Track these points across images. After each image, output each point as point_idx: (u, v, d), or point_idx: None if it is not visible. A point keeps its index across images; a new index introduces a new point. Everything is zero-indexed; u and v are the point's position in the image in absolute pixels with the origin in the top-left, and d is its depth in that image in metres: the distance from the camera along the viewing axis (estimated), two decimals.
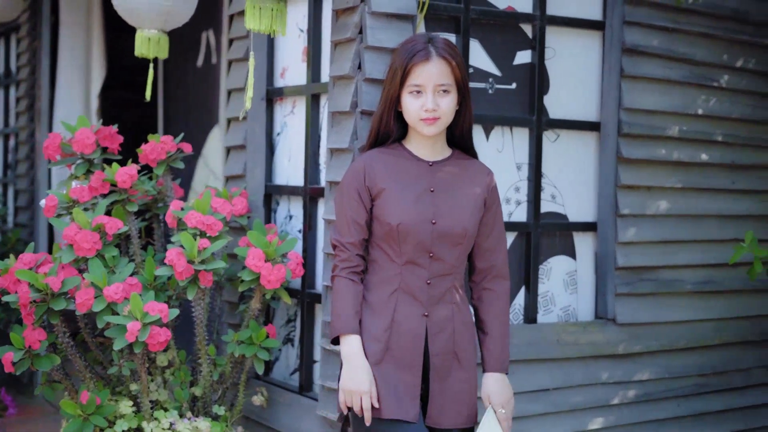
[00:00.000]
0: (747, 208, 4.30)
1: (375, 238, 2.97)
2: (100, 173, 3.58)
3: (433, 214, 2.95)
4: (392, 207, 2.93)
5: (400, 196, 2.95)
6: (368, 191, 2.96)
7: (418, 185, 2.99)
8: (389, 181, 2.97)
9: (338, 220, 3.00)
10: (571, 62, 3.85)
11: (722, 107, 4.18)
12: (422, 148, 3.06)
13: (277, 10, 3.20)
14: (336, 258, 2.97)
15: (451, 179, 3.05)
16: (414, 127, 2.99)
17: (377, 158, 3.01)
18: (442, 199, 2.99)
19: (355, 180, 2.97)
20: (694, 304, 4.14)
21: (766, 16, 4.27)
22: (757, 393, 4.37)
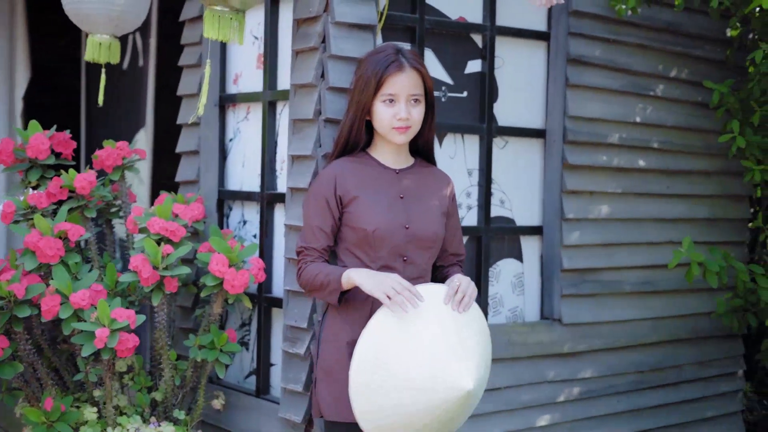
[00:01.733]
0: (680, 211, 4.49)
1: (347, 245, 3.04)
2: (58, 179, 3.57)
3: (406, 220, 3.04)
4: (366, 214, 3.00)
5: (373, 203, 3.03)
6: (339, 199, 3.03)
7: (389, 192, 3.08)
8: (361, 188, 3.05)
9: (304, 227, 3.06)
10: (519, 71, 3.98)
11: (658, 116, 4.37)
12: (388, 157, 3.15)
13: (236, 20, 3.24)
14: (301, 261, 3.03)
15: (417, 186, 3.15)
16: (385, 135, 3.08)
17: (346, 166, 3.09)
18: (412, 205, 3.09)
19: (326, 188, 3.03)
20: (633, 304, 4.31)
21: (697, 29, 4.47)
22: (689, 388, 4.57)
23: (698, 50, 4.50)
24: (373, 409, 2.82)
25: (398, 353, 2.78)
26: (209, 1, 3.15)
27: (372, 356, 2.80)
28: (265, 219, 3.76)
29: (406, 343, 2.79)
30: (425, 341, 2.78)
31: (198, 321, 3.93)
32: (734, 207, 4.74)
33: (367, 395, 2.81)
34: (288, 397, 3.49)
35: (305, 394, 3.41)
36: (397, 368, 2.78)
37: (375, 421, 2.84)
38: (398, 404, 2.79)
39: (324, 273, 2.94)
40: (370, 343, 2.81)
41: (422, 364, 2.76)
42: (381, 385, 2.79)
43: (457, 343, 2.81)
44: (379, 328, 2.81)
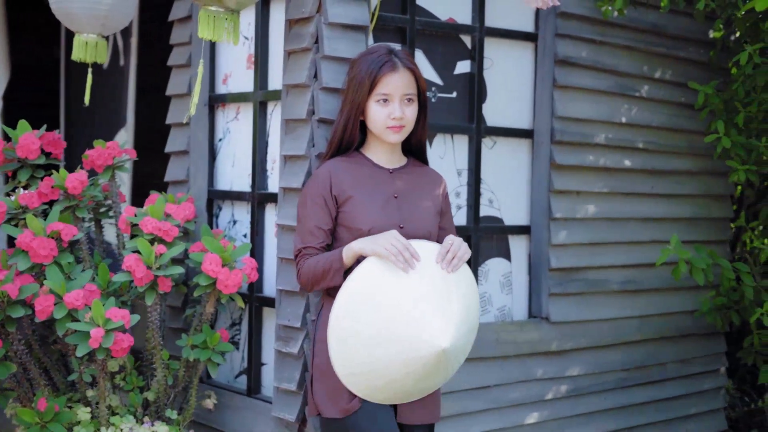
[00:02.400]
0: (665, 211, 4.54)
1: (342, 244, 3.06)
2: (50, 179, 3.56)
3: (400, 219, 3.07)
4: (362, 213, 3.03)
5: (368, 202, 3.06)
6: (335, 198, 3.06)
7: (383, 192, 3.11)
8: (355, 188, 3.07)
9: (301, 228, 3.07)
10: (507, 72, 4.01)
11: (643, 116, 4.42)
12: (382, 156, 3.18)
13: (230, 20, 3.25)
14: (299, 263, 3.04)
15: (411, 186, 3.18)
16: (379, 135, 3.11)
17: (340, 166, 3.11)
18: (405, 205, 3.11)
19: (321, 187, 3.06)
20: (618, 302, 4.36)
21: (681, 30, 4.53)
22: (673, 386, 4.63)
23: (682, 51, 4.55)
24: (350, 356, 2.87)
25: (381, 304, 2.84)
26: (204, 2, 3.15)
27: (355, 303, 2.85)
28: (256, 219, 3.77)
29: (390, 296, 2.84)
30: (409, 296, 2.84)
31: (188, 321, 3.94)
32: (717, 206, 4.80)
33: (346, 341, 2.85)
34: (281, 397, 3.50)
35: (299, 393, 3.42)
36: (378, 318, 2.83)
37: (350, 368, 2.89)
38: (374, 354, 2.85)
39: (322, 260, 2.97)
40: (355, 290, 2.85)
41: (403, 318, 2.82)
42: (360, 332, 2.84)
43: (441, 302, 2.86)
44: (366, 277, 2.86)
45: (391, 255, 2.84)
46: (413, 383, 2.92)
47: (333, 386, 2.99)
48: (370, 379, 2.89)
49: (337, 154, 3.18)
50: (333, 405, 2.99)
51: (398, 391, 2.95)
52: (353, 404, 2.95)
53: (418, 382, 2.93)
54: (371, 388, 2.92)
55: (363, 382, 2.90)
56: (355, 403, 2.95)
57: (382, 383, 2.91)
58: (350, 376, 2.89)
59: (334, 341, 2.86)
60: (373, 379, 2.89)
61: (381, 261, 2.85)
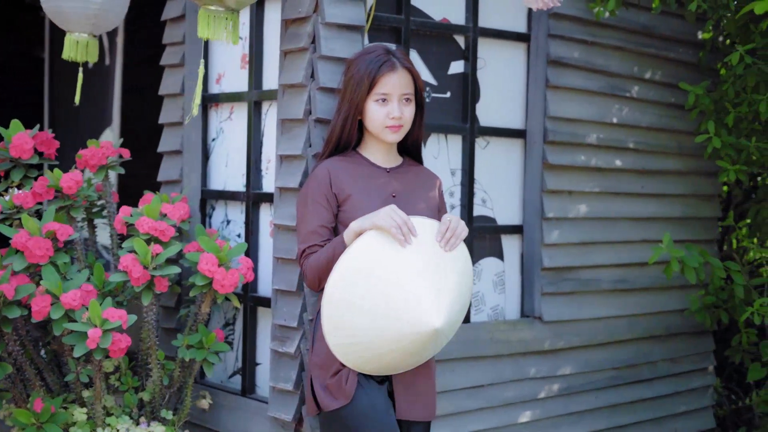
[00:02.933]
0: (654, 210, 4.57)
1: None
2: (44, 179, 3.54)
3: None
4: (361, 212, 3.03)
5: (367, 201, 3.06)
6: (335, 197, 3.06)
7: (381, 191, 3.12)
8: (354, 187, 3.08)
9: (303, 229, 3.07)
10: (499, 72, 4.03)
11: (633, 116, 4.45)
12: (379, 156, 3.20)
13: (230, 20, 3.24)
14: (303, 263, 3.05)
15: (408, 185, 3.20)
16: (378, 134, 3.12)
17: (338, 165, 3.12)
18: (403, 204, 3.12)
19: (321, 186, 3.06)
20: (609, 301, 4.39)
21: (671, 31, 4.56)
22: (662, 384, 4.66)
23: (671, 52, 4.58)
24: (340, 326, 2.89)
25: (378, 277, 2.85)
26: (204, 1, 3.15)
27: (352, 274, 2.86)
28: (250, 219, 3.77)
29: (387, 270, 2.86)
30: (405, 272, 2.86)
31: (181, 321, 3.93)
32: (705, 206, 4.84)
33: (339, 310, 2.87)
34: (277, 396, 3.50)
35: (295, 393, 3.42)
36: (374, 292, 2.85)
37: (339, 338, 2.91)
38: (366, 327, 2.87)
39: (324, 251, 2.99)
40: (353, 261, 2.86)
41: (397, 294, 2.84)
42: (354, 304, 2.86)
43: (436, 281, 2.89)
44: (365, 249, 2.87)
45: (392, 228, 2.85)
46: (402, 357, 2.96)
47: (332, 378, 3.00)
48: (358, 351, 2.92)
49: (334, 154, 3.19)
50: (334, 395, 3.00)
51: (386, 364, 2.98)
52: (350, 385, 2.97)
53: (406, 357, 2.97)
54: (360, 359, 2.95)
55: (352, 353, 2.93)
56: (352, 384, 2.97)
57: (371, 355, 2.94)
58: (340, 346, 2.92)
59: (327, 308, 2.88)
60: (362, 350, 2.92)
61: (380, 235, 2.87)
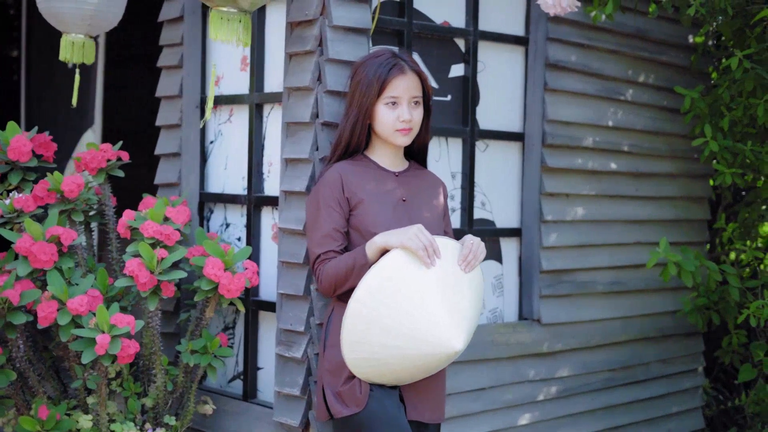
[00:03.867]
0: (648, 213, 4.60)
1: (351, 247, 3.05)
2: (45, 182, 3.49)
3: (409, 223, 3.08)
4: (374, 216, 3.03)
5: (379, 205, 3.06)
6: (347, 201, 3.05)
7: (392, 195, 3.12)
8: (366, 191, 3.07)
9: (316, 234, 3.05)
10: (498, 76, 4.03)
11: (628, 119, 4.47)
12: (387, 159, 3.20)
13: (242, 21, 3.22)
14: (318, 268, 3.03)
15: (417, 190, 3.20)
16: (387, 138, 3.12)
17: (349, 169, 3.11)
18: (414, 209, 3.12)
19: (333, 190, 3.05)
20: (604, 303, 4.41)
21: (664, 35, 4.59)
22: (655, 385, 4.69)
23: (664, 56, 4.62)
24: (361, 341, 2.90)
25: (403, 297, 2.86)
26: (215, 2, 3.12)
27: (378, 291, 2.86)
28: (251, 222, 3.74)
29: (411, 290, 2.87)
30: (429, 293, 2.88)
31: (180, 325, 3.89)
32: (695, 208, 4.88)
33: (363, 327, 2.88)
34: (283, 401, 3.47)
35: (302, 398, 3.40)
36: (398, 311, 2.86)
37: (358, 353, 2.92)
38: (387, 345, 2.88)
39: (344, 260, 2.97)
40: (380, 279, 2.87)
41: (421, 315, 2.86)
42: (378, 322, 2.87)
43: (456, 301, 2.92)
44: (393, 267, 2.88)
45: (419, 250, 2.85)
46: (416, 374, 2.99)
47: (344, 386, 2.99)
48: (374, 366, 2.94)
49: (342, 158, 3.17)
50: (345, 403, 2.99)
51: (399, 378, 3.01)
52: (364, 394, 2.96)
53: (420, 373, 3.00)
54: (374, 373, 2.96)
55: (367, 367, 2.94)
56: (365, 393, 2.96)
57: (386, 371, 2.95)
58: (357, 360, 2.93)
59: (350, 322, 2.88)
60: (379, 366, 2.93)
61: (406, 254, 2.88)
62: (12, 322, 3.14)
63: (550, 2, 3.20)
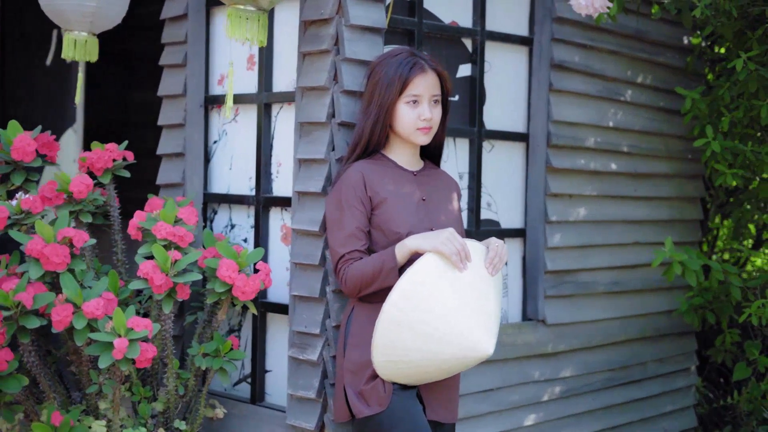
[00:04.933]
0: (646, 213, 4.63)
1: (377, 248, 3.02)
2: (53, 182, 3.42)
3: (430, 223, 3.07)
4: (398, 216, 3.00)
5: (401, 205, 3.04)
6: (369, 200, 3.02)
7: (412, 195, 3.10)
8: (387, 191, 3.05)
9: (339, 234, 3.02)
10: (504, 76, 4.02)
11: (627, 120, 4.49)
12: (405, 159, 3.18)
13: (261, 20, 3.18)
14: (341, 269, 3.00)
15: (435, 189, 3.19)
16: (408, 136, 3.10)
17: (369, 168, 3.08)
18: (433, 208, 3.12)
19: (356, 189, 3.01)
20: (605, 303, 4.42)
21: (661, 36, 4.61)
22: (652, 385, 4.71)
23: (661, 57, 4.64)
24: (394, 345, 2.88)
25: (437, 301, 2.85)
26: (233, 1, 3.07)
27: (412, 296, 2.85)
28: (259, 223, 3.69)
29: (445, 295, 2.86)
30: (461, 297, 2.87)
31: (185, 328, 3.83)
32: (689, 208, 4.91)
33: (396, 331, 2.86)
34: (296, 404, 3.43)
35: (318, 401, 3.35)
36: (432, 316, 2.85)
37: (389, 356, 2.90)
38: (420, 348, 2.87)
39: (371, 262, 2.94)
40: (414, 283, 2.85)
41: (454, 319, 2.86)
42: (412, 326, 2.86)
43: (484, 304, 2.93)
44: (428, 271, 2.86)
45: (452, 255, 2.83)
46: (441, 375, 3.00)
47: (366, 384, 2.97)
48: (403, 368, 2.92)
49: (360, 158, 3.14)
50: (368, 402, 2.96)
51: (423, 379, 3.00)
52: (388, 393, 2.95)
53: (444, 375, 3.01)
54: (400, 374, 2.95)
55: (395, 369, 2.93)
56: (389, 392, 2.95)
57: (413, 372, 2.94)
58: (386, 362, 2.91)
59: (384, 326, 2.85)
60: (407, 368, 2.92)
61: (439, 258, 2.86)
62: (25, 326, 3.06)
63: (582, 3, 3.19)
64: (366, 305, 3.03)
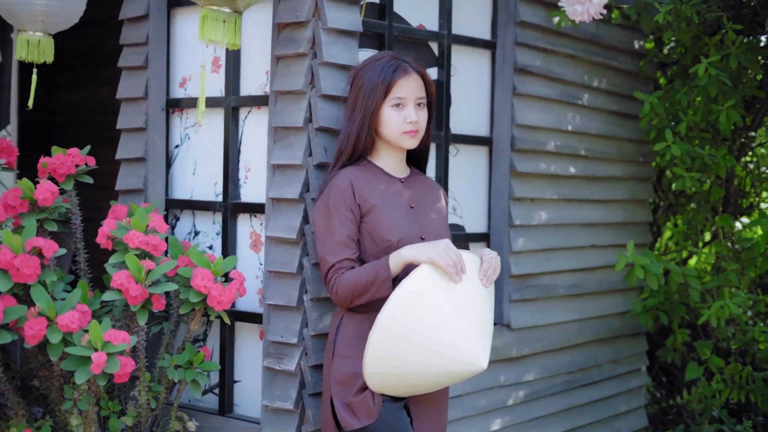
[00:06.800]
0: (600, 216, 4.66)
1: (367, 256, 2.97)
2: (17, 189, 3.27)
3: (419, 230, 3.03)
4: (388, 223, 2.96)
5: (391, 212, 2.99)
6: (359, 207, 2.97)
7: (401, 202, 3.05)
8: (376, 197, 3.00)
9: (329, 242, 2.95)
10: (468, 80, 4.00)
11: (584, 124, 4.52)
12: (392, 165, 3.13)
13: (237, 22, 3.09)
14: (332, 278, 2.93)
15: (422, 196, 3.15)
16: (395, 141, 3.05)
17: (358, 175, 3.02)
18: (422, 215, 3.07)
19: (346, 197, 2.96)
20: (564, 306, 4.44)
21: (614, 40, 4.66)
22: (608, 386, 4.76)
23: (614, 61, 4.68)
24: (387, 356, 2.82)
25: (432, 314, 2.79)
26: (207, 1, 2.98)
27: (407, 307, 2.78)
28: (227, 230, 3.60)
29: (440, 307, 2.81)
30: (455, 309, 2.82)
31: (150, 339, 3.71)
32: (639, 210, 4.97)
33: (391, 342, 2.80)
34: (271, 416, 3.35)
35: (295, 412, 3.28)
36: (428, 328, 2.79)
37: (381, 368, 2.84)
38: (414, 361, 2.82)
39: (364, 272, 2.87)
40: (410, 294, 2.78)
41: (449, 332, 2.80)
42: (407, 338, 2.79)
43: (480, 317, 2.88)
44: (421, 283, 2.80)
45: (449, 267, 2.78)
46: (432, 387, 2.94)
47: (355, 396, 2.91)
48: (394, 381, 2.87)
49: (347, 165, 3.08)
50: (356, 414, 2.91)
51: (413, 391, 2.95)
52: (377, 405, 2.90)
53: (435, 388, 2.96)
54: (390, 386, 2.89)
55: (386, 381, 2.87)
56: (378, 404, 2.90)
57: (404, 385, 2.89)
58: (378, 374, 2.85)
59: (378, 337, 2.79)
60: (398, 380, 2.87)
61: (434, 269, 2.81)
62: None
63: (578, 9, 3.19)
64: (356, 315, 2.98)
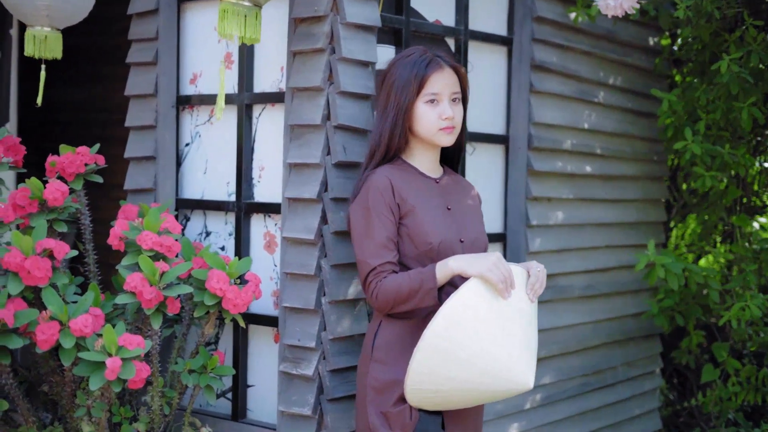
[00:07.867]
0: (615, 216, 4.58)
1: (406, 259, 2.86)
2: (25, 189, 3.17)
3: (458, 232, 2.93)
4: (428, 225, 2.84)
5: (430, 213, 2.88)
6: (398, 207, 2.85)
7: (438, 203, 2.94)
8: (415, 198, 2.88)
9: (368, 245, 2.82)
10: (484, 77, 3.92)
11: (598, 122, 4.43)
12: (426, 164, 3.02)
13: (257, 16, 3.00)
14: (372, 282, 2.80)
15: (457, 196, 3.04)
16: (430, 138, 2.93)
17: (395, 175, 2.91)
18: (459, 217, 2.97)
19: (385, 196, 2.83)
20: (579, 308, 4.35)
21: (630, 37, 4.58)
22: (622, 389, 4.68)
23: (629, 58, 4.60)
24: (431, 373, 2.69)
25: (480, 331, 2.66)
26: None
27: (455, 324, 2.65)
28: (241, 230, 3.50)
29: (488, 324, 2.67)
30: (503, 327, 2.69)
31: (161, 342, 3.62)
32: (653, 210, 4.90)
33: (435, 360, 2.67)
34: (288, 421, 3.26)
35: (313, 418, 3.19)
36: (475, 346, 2.66)
37: (423, 384, 2.71)
38: (460, 379, 2.69)
39: (408, 280, 2.74)
40: (458, 310, 2.65)
41: (497, 350, 2.68)
42: (455, 355, 2.66)
43: (526, 335, 2.75)
44: (470, 299, 2.66)
45: (499, 282, 2.67)
46: (472, 404, 2.82)
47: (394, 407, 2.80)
48: (435, 397, 2.74)
49: (381, 164, 2.96)
50: (391, 425, 2.80)
51: (453, 406, 2.82)
52: (413, 421, 2.78)
53: (476, 404, 2.84)
54: (430, 402, 2.77)
55: (426, 397, 2.74)
56: (415, 419, 2.79)
57: (446, 401, 2.77)
58: (419, 391, 2.72)
59: (425, 354, 2.65)
60: (440, 397, 2.74)
61: (483, 284, 2.68)
62: (7, 347, 2.82)
63: (611, 3, 3.10)
64: (395, 321, 2.86)
